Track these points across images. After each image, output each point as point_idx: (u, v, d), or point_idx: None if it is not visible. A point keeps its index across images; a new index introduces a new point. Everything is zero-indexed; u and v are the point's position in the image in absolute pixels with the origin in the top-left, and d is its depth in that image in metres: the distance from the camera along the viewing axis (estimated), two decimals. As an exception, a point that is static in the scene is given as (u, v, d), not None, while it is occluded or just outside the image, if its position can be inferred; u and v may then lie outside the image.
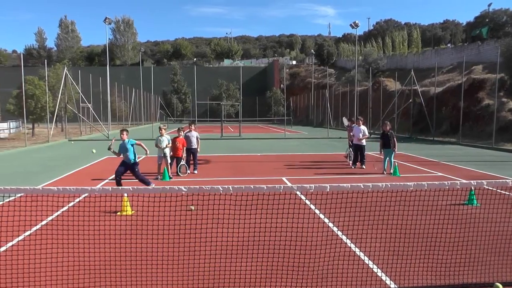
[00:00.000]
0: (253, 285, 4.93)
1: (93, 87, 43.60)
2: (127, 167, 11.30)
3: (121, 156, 11.43)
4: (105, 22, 38.14)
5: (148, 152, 11.82)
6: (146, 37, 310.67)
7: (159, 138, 13.28)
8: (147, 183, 11.19)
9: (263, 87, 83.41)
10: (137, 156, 11.46)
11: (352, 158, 16.23)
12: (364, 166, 15.56)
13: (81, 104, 38.40)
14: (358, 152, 15.76)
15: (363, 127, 15.87)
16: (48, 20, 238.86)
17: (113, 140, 11.77)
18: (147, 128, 51.30)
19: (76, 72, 40.75)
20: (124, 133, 11.53)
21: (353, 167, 15.78)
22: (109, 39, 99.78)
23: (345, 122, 18.00)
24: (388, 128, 14.56)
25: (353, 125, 16.67)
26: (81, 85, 39.08)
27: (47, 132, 30.38)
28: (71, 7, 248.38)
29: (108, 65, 42.10)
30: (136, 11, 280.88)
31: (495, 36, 47.62)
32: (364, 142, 15.75)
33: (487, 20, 59.66)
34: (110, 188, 4.82)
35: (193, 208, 8.00)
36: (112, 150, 11.43)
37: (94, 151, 7.20)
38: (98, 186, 11.77)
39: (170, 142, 13.40)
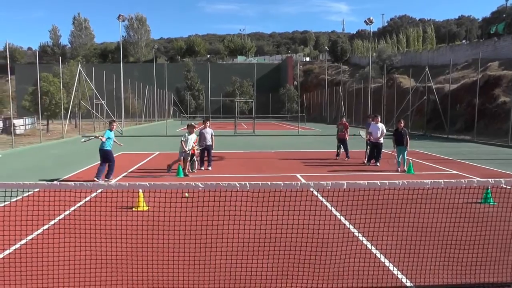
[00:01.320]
0: (269, 281, 4.95)
1: (106, 84, 43.99)
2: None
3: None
4: (118, 19, 38.42)
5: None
6: (160, 34, 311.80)
7: (187, 136, 13.12)
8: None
9: (276, 84, 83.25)
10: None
11: (367, 155, 16.08)
12: (378, 164, 15.41)
13: (94, 100, 38.80)
14: (374, 149, 15.51)
15: (381, 125, 15.60)
16: (62, 17, 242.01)
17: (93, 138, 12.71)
18: (160, 124, 51.61)
19: (89, 69, 41.15)
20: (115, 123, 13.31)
21: (368, 164, 15.67)
22: (123, 36, 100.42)
23: (363, 135, 17.52)
24: (402, 125, 14.47)
25: (371, 122, 16.45)
26: (94, 82, 39.46)
27: (61, 128, 30.74)
28: (85, 5, 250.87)
29: (121, 62, 42.42)
30: (149, 8, 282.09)
31: (512, 31, 46.83)
32: (382, 140, 15.48)
33: (504, 15, 58.70)
34: (127, 184, 4.86)
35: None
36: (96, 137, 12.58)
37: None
38: (113, 181, 11.89)
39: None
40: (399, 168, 14.23)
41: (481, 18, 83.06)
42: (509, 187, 9.77)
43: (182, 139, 13.25)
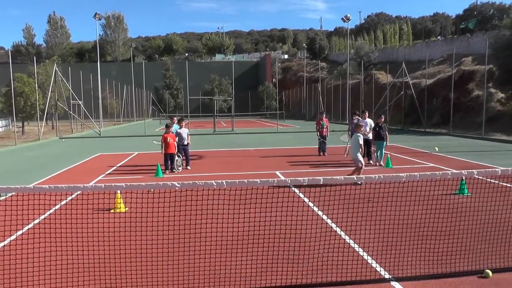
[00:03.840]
0: (249, 279, 4.95)
1: (83, 83, 43.26)
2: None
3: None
4: (95, 18, 37.88)
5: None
6: (137, 32, 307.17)
7: (358, 136, 11.60)
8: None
9: (255, 81, 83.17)
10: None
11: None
12: (371, 162, 14.92)
13: (71, 101, 38.10)
14: (365, 146, 14.50)
15: (369, 120, 15.28)
16: (37, 16, 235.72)
17: None
18: (139, 124, 51.09)
19: (66, 68, 40.42)
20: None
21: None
22: (100, 35, 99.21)
23: (344, 139, 15.92)
24: (382, 120, 14.57)
25: (356, 118, 16.37)
26: (71, 82, 38.78)
27: (37, 130, 30.13)
28: (61, 3, 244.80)
29: (99, 61, 41.84)
30: (126, 6, 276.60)
31: (484, 28, 47.99)
32: (370, 135, 14.94)
33: (475, 12, 60.11)
34: (103, 185, 4.80)
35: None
36: None
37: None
38: (91, 183, 11.71)
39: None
40: (377, 162, 14.38)
41: (454, 15, 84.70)
42: (482, 178, 10.06)
43: (360, 141, 11.46)
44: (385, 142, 14.34)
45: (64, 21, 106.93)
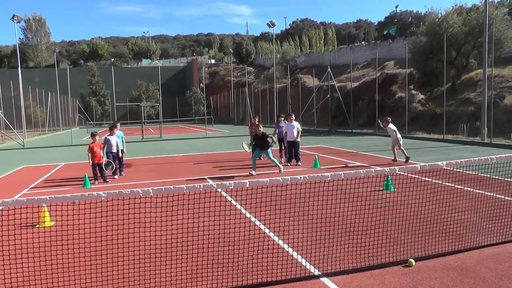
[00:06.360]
0: (179, 285, 4.91)
1: (3, 91, 40.48)
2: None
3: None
4: (13, 20, 35.57)
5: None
6: (61, 36, 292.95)
7: (392, 128, 15.58)
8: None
9: (183, 86, 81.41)
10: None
11: (287, 155, 15.75)
12: (300, 163, 15.20)
13: (-11, 111, 35.58)
14: (292, 149, 15.39)
15: (295, 123, 15.55)
16: None
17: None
18: (66, 133, 48.73)
19: (-19, 75, 37.68)
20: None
21: (288, 164, 15.40)
22: (20, 39, 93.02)
23: (246, 148, 16.14)
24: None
25: (284, 121, 16.68)
26: (-12, 90, 36.20)
27: (-50, 143, 27.81)
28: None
29: (19, 67, 39.40)
30: (47, 8, 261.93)
31: (404, 34, 51.14)
32: (298, 138, 15.38)
33: (395, 20, 63.94)
34: (25, 199, 4.55)
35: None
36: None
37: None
38: (13, 198, 11.01)
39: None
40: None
41: (377, 22, 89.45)
42: (405, 174, 10.69)
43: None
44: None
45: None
